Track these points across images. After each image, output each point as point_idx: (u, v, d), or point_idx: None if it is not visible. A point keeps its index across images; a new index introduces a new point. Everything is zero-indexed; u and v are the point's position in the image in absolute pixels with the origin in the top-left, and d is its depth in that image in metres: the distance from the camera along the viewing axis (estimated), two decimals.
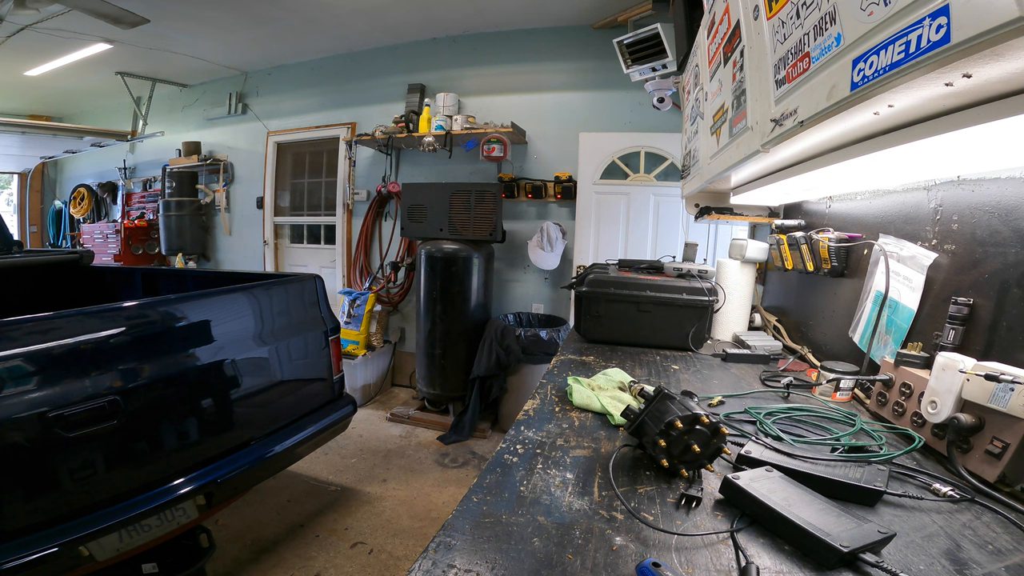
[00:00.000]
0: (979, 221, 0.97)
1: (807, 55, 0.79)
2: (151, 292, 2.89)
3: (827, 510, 0.65)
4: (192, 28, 4.02)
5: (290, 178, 5.17)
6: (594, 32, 3.71)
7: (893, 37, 0.58)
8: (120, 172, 6.19)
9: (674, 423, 0.78)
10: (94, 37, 4.11)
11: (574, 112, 3.83)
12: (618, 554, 0.61)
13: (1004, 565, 0.60)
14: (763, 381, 1.34)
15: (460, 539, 0.63)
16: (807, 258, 1.58)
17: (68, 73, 4.99)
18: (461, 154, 3.97)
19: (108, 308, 1.58)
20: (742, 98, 1.16)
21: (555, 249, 3.72)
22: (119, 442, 1.46)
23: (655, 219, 3.72)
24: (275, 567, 2.08)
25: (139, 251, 5.61)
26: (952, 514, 0.72)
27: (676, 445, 0.79)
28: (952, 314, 0.97)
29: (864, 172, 1.16)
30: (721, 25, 1.35)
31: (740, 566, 0.59)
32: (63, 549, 1.28)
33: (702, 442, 0.79)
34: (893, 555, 0.62)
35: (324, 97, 4.59)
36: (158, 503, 1.49)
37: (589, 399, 1.11)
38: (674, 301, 1.65)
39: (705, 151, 1.64)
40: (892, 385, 1.05)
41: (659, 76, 3.00)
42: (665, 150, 3.63)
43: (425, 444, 3.29)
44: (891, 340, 1.18)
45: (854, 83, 0.66)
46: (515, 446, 0.91)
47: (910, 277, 1.14)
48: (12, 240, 2.99)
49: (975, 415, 0.81)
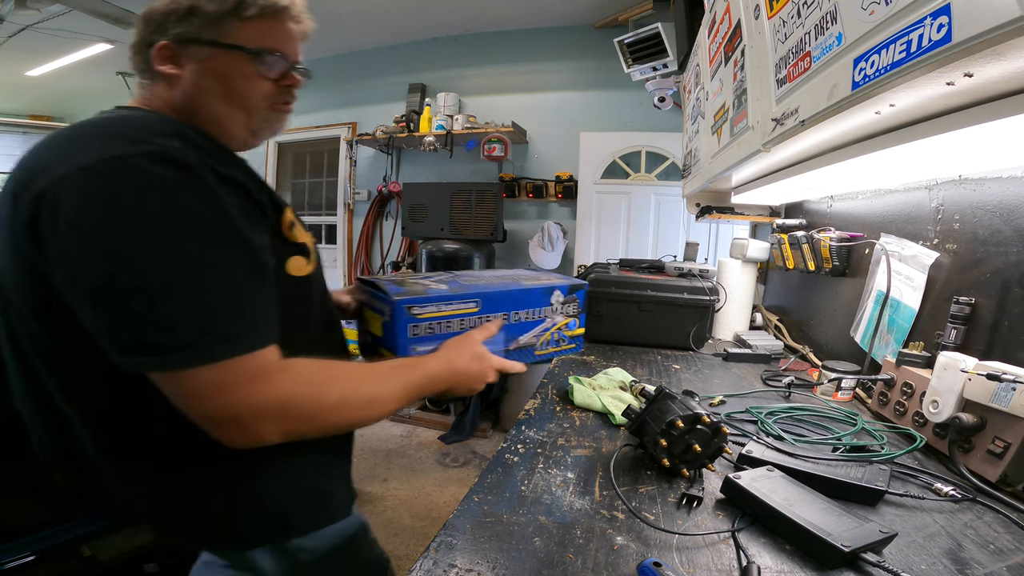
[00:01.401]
0: (981, 220, 0.97)
1: (808, 54, 0.79)
2: None
3: (828, 510, 0.65)
4: None
5: (291, 178, 5.18)
6: (595, 32, 3.70)
7: (894, 36, 0.58)
8: None
9: (675, 422, 0.78)
10: (95, 37, 4.11)
11: (575, 112, 3.83)
12: (619, 554, 0.61)
13: (1006, 565, 0.60)
14: (764, 380, 1.34)
15: (461, 539, 0.63)
16: (808, 257, 1.58)
17: (69, 73, 4.99)
18: (462, 154, 3.97)
19: None
20: (743, 97, 1.16)
21: (556, 249, 3.72)
22: None
23: (656, 218, 3.72)
24: None
25: None
26: (954, 514, 0.72)
27: (677, 444, 0.79)
28: (954, 313, 0.97)
29: (865, 171, 1.16)
30: (722, 24, 1.35)
31: (741, 566, 0.59)
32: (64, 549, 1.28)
33: (703, 441, 0.79)
34: (895, 555, 0.62)
35: (325, 97, 4.59)
36: None
37: (590, 398, 1.11)
38: (675, 300, 1.65)
39: (706, 150, 1.64)
40: (894, 384, 1.05)
41: (660, 75, 3.00)
42: (666, 149, 3.63)
43: (426, 444, 3.29)
44: (892, 339, 1.18)
45: (855, 82, 0.66)
46: (516, 445, 0.91)
47: (912, 276, 1.14)
48: None
49: (977, 415, 0.81)
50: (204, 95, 0.74)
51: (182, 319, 0.56)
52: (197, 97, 0.74)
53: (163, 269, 0.56)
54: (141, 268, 0.56)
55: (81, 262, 0.56)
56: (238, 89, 0.74)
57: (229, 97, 0.75)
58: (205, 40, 0.72)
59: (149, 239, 0.56)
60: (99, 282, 0.56)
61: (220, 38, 0.72)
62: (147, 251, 0.56)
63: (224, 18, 0.72)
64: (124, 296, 0.56)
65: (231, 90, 0.74)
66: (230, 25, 0.73)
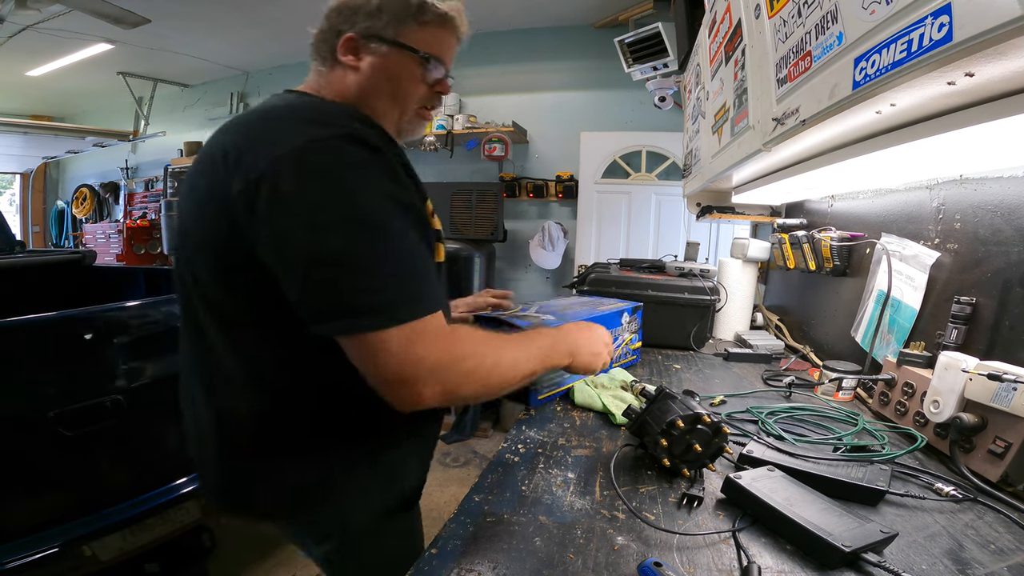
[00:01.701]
0: (981, 220, 0.97)
1: (809, 54, 0.79)
2: (154, 292, 2.90)
3: (829, 510, 0.65)
4: (193, 28, 4.03)
5: None
6: (595, 31, 3.70)
7: (895, 36, 0.58)
8: (122, 172, 6.21)
9: (676, 422, 0.77)
10: (95, 37, 4.11)
11: (575, 111, 3.82)
12: (620, 554, 0.61)
13: (1006, 565, 0.60)
14: (765, 380, 1.34)
15: (462, 538, 0.63)
16: (809, 257, 1.58)
17: (70, 73, 4.99)
18: (462, 153, 3.97)
19: (110, 308, 1.58)
20: (744, 97, 1.16)
21: (556, 248, 3.72)
22: (121, 441, 1.47)
23: (656, 218, 3.71)
24: (277, 566, 2.09)
25: (141, 251, 5.61)
26: (954, 514, 0.72)
27: (678, 444, 0.79)
28: (955, 313, 0.96)
29: (866, 171, 1.16)
30: (722, 24, 1.35)
31: (742, 566, 0.59)
32: (65, 549, 1.28)
33: (704, 441, 0.79)
34: (895, 555, 0.62)
35: None
36: (161, 502, 1.49)
37: (591, 398, 1.11)
38: (676, 300, 1.64)
39: (706, 150, 1.64)
40: (894, 384, 1.05)
41: (660, 75, 3.00)
42: (666, 149, 3.63)
43: None
44: (893, 339, 1.18)
45: (856, 82, 0.66)
46: (516, 445, 0.91)
47: (912, 276, 1.14)
48: (14, 240, 3.00)
49: (978, 415, 0.81)
50: (374, 88, 0.81)
51: (377, 286, 0.62)
52: (368, 89, 0.80)
53: (364, 241, 0.62)
54: (346, 240, 0.62)
55: (294, 235, 0.62)
56: (402, 87, 0.82)
57: (393, 94, 0.82)
58: (387, 38, 0.79)
59: (355, 214, 0.63)
60: (308, 251, 0.62)
61: (399, 38, 0.79)
62: (353, 225, 0.62)
63: (406, 19, 0.80)
64: (328, 265, 0.61)
65: (397, 88, 0.82)
66: (409, 28, 0.80)
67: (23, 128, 5.61)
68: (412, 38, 0.80)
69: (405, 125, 0.86)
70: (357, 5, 0.79)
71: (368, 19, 0.79)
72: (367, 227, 0.63)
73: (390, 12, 0.79)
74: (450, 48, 0.86)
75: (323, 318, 0.62)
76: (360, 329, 0.61)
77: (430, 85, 0.85)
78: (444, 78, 0.86)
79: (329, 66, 0.82)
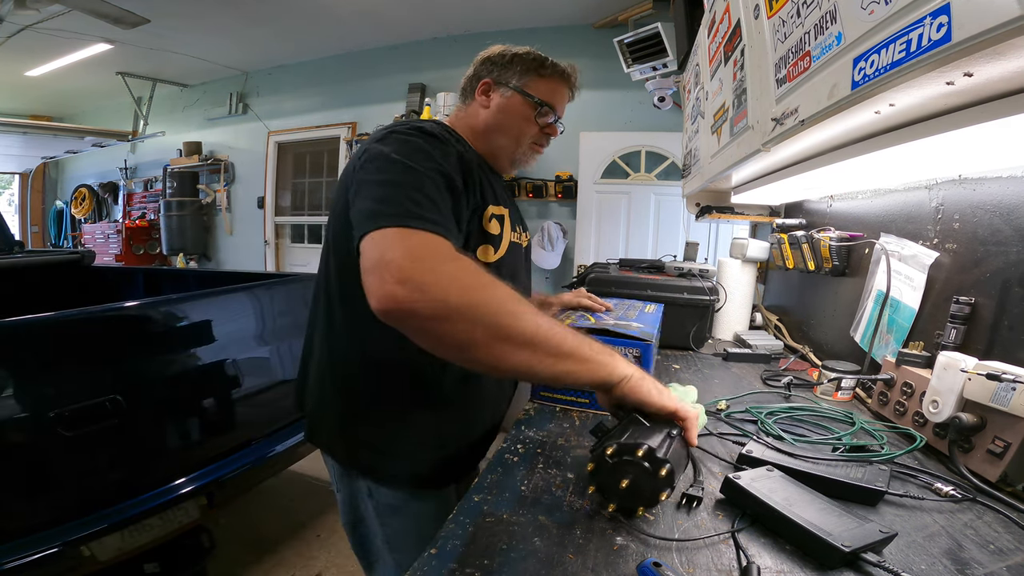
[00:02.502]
0: (980, 220, 0.97)
1: (808, 54, 0.79)
2: (153, 292, 2.90)
3: (828, 510, 0.65)
4: (193, 28, 4.02)
5: (291, 178, 5.18)
6: (594, 31, 3.71)
7: (894, 36, 0.58)
8: (121, 172, 6.20)
9: (607, 449, 0.65)
10: (94, 37, 4.11)
11: (575, 111, 3.79)
12: (619, 554, 0.61)
13: (1006, 565, 0.60)
14: (764, 380, 1.34)
15: (461, 538, 0.63)
16: (808, 257, 1.58)
17: (69, 73, 4.99)
18: None
19: (110, 308, 1.58)
20: (743, 97, 1.16)
21: (556, 248, 3.72)
22: (120, 441, 1.46)
23: (656, 218, 3.72)
24: (277, 567, 2.09)
25: (140, 251, 5.61)
26: (954, 514, 0.72)
27: (606, 475, 0.66)
28: (954, 313, 0.96)
29: (865, 171, 1.16)
30: (722, 24, 1.35)
31: (741, 566, 0.59)
32: (64, 549, 1.28)
33: (637, 479, 0.64)
34: (895, 555, 0.62)
35: (325, 97, 4.59)
36: (160, 503, 1.49)
37: None
38: (675, 300, 1.64)
39: (706, 150, 1.64)
40: (893, 384, 1.05)
41: (659, 75, 3.00)
42: (666, 149, 3.63)
43: None
44: (892, 339, 1.18)
45: (855, 82, 0.66)
46: (516, 445, 0.91)
47: (911, 276, 1.14)
48: (13, 240, 3.00)
49: (977, 414, 0.81)
50: (496, 123, 1.03)
51: (398, 199, 0.72)
52: (491, 124, 1.03)
53: (390, 172, 0.77)
54: (378, 172, 0.78)
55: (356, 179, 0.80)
56: (518, 125, 1.03)
57: (509, 130, 1.03)
58: (513, 85, 1.02)
59: (391, 155, 0.78)
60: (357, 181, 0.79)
61: (522, 87, 1.02)
62: (387, 162, 0.78)
63: (531, 72, 1.03)
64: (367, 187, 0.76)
65: (512, 126, 1.03)
66: (532, 79, 1.03)
67: (22, 128, 5.60)
68: (533, 87, 1.02)
69: (519, 156, 1.07)
70: (496, 57, 1.04)
71: (503, 69, 1.02)
72: (396, 164, 0.77)
73: (520, 65, 1.02)
74: (562, 98, 1.09)
75: (355, 226, 0.74)
76: (377, 226, 0.69)
77: (541, 127, 1.05)
78: (553, 122, 1.07)
79: (467, 103, 1.07)
